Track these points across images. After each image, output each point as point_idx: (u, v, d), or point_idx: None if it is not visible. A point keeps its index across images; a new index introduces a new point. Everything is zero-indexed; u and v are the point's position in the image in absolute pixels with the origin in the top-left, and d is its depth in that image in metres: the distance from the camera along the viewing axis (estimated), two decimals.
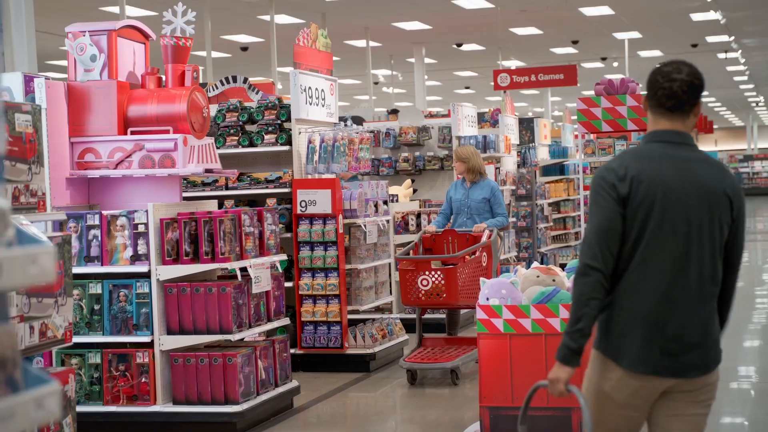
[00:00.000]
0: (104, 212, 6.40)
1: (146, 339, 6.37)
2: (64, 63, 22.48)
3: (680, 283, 3.15)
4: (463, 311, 9.56)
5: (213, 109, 8.70)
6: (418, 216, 10.84)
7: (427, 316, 9.70)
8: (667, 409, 3.25)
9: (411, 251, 8.29)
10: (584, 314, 3.16)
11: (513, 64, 26.07)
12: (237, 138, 8.65)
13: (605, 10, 19.28)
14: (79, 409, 6.08)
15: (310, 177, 8.54)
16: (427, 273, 7.78)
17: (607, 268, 3.15)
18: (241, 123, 8.72)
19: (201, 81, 8.73)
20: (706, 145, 55.59)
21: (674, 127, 3.25)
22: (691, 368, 3.17)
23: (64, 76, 16.55)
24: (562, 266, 11.21)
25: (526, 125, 16.42)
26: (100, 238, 6.38)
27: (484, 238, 8.25)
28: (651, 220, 3.15)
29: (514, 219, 13.63)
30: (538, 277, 6.18)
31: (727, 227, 3.19)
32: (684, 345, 3.15)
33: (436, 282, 7.77)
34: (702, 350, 3.17)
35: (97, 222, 6.39)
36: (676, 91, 3.22)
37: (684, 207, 3.16)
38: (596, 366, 3.29)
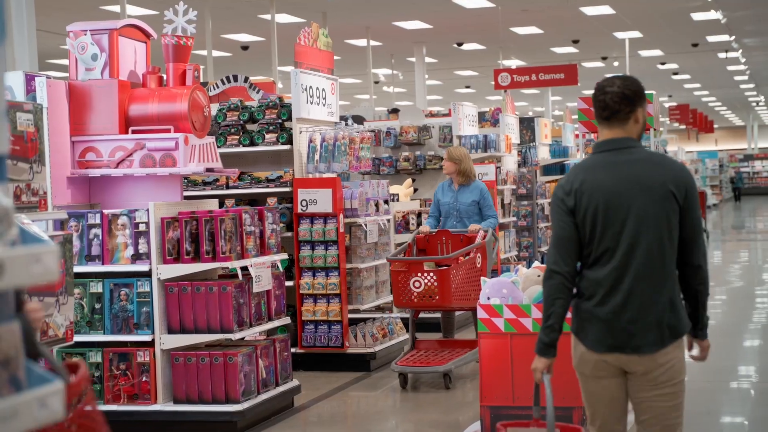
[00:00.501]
0: (105, 211, 6.40)
1: (147, 338, 6.37)
2: (64, 62, 22.48)
3: (631, 272, 3.63)
4: (458, 313, 9.53)
5: (214, 108, 8.70)
6: (419, 215, 10.84)
7: (423, 315, 9.63)
8: (632, 394, 3.76)
9: (404, 252, 8.16)
10: (552, 312, 3.72)
11: (513, 63, 26.07)
12: (238, 137, 8.65)
13: (606, 10, 19.28)
14: None
15: (310, 176, 8.54)
16: (419, 274, 7.59)
17: (568, 269, 3.68)
18: (242, 122, 8.72)
19: (202, 80, 8.73)
20: (707, 144, 55.62)
21: (614, 135, 3.73)
22: (639, 346, 3.64)
23: (65, 75, 16.54)
24: None
25: (527, 125, 16.42)
26: (101, 237, 6.38)
27: (478, 239, 8.09)
28: (597, 223, 3.66)
29: (514, 218, 13.62)
30: (539, 276, 6.18)
31: (675, 214, 3.62)
32: (635, 327, 3.64)
33: (429, 284, 7.58)
34: (651, 331, 3.63)
35: (98, 221, 6.39)
36: (609, 102, 3.70)
37: (626, 206, 3.63)
38: (572, 344, 3.88)
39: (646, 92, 10.57)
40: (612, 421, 3.84)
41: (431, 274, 7.57)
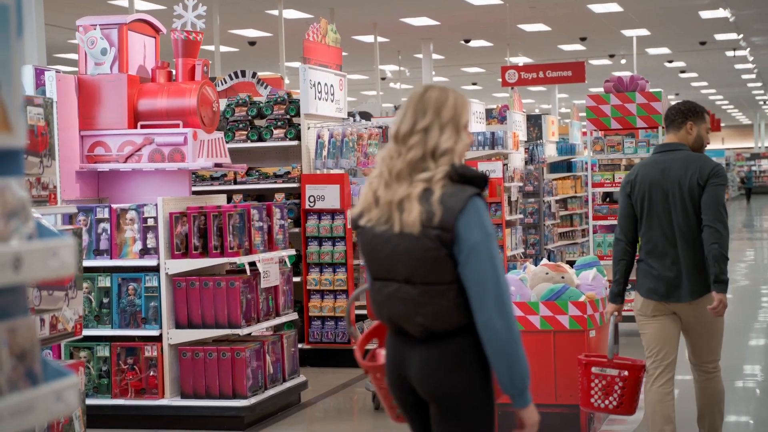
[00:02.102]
0: (114, 206, 6.41)
1: (155, 333, 6.38)
2: (72, 56, 22.50)
3: (668, 242, 4.94)
4: None
5: (222, 104, 8.70)
6: None
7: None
8: (684, 324, 5.05)
9: None
10: (617, 270, 5.06)
11: (521, 60, 26.04)
12: (246, 132, 8.65)
13: (614, 7, 19.24)
14: (88, 402, 6.08)
15: (318, 172, 8.54)
16: None
17: (627, 238, 5.05)
18: (250, 117, 8.72)
19: (210, 75, 8.73)
20: (713, 143, 55.53)
21: (668, 140, 5.13)
22: (681, 297, 4.93)
23: (72, 69, 16.56)
24: (570, 263, 11.21)
25: (534, 122, 16.41)
26: (109, 232, 6.39)
27: None
28: (644, 205, 4.99)
29: (521, 215, 13.62)
30: (547, 274, 6.18)
31: (698, 198, 4.89)
32: (675, 281, 4.93)
33: None
34: (687, 284, 4.91)
35: (106, 215, 6.40)
36: (668, 114, 5.12)
37: (663, 192, 4.96)
38: (633, 296, 5.16)
39: (653, 90, 10.48)
40: (668, 350, 5.01)
41: None
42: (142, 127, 6.60)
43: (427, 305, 2.84)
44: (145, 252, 6.35)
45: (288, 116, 8.61)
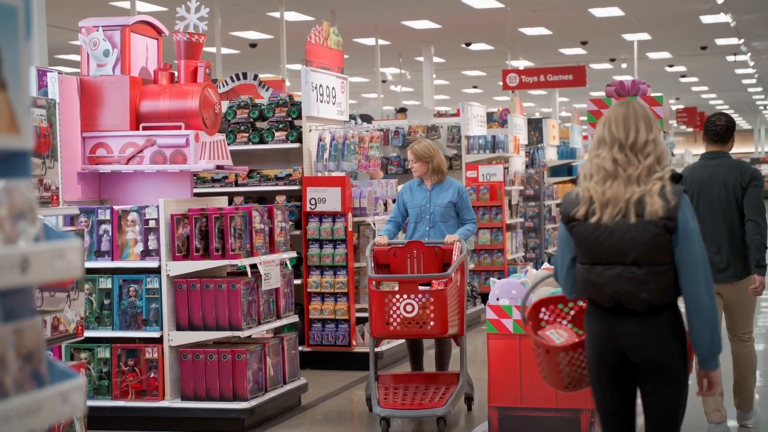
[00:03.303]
0: (115, 207, 6.41)
1: (155, 334, 6.38)
2: (73, 58, 22.51)
3: (718, 231, 5.93)
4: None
5: (224, 106, 8.71)
6: None
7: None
8: (726, 302, 6.05)
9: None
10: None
11: (522, 64, 26.05)
12: (247, 135, 8.65)
13: (615, 12, 19.26)
14: (88, 403, 6.09)
15: (320, 175, 8.54)
16: (412, 296, 6.24)
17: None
18: (251, 120, 8.72)
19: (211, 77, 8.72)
20: None
21: (714, 149, 6.13)
22: (725, 279, 5.92)
23: (74, 70, 16.56)
24: None
25: (535, 126, 16.42)
26: (110, 233, 6.39)
27: (456, 251, 6.75)
28: (698, 202, 5.95)
29: (522, 219, 13.62)
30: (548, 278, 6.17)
31: (740, 198, 5.93)
32: (720, 266, 5.90)
33: (423, 307, 6.24)
34: (730, 268, 5.93)
35: (108, 217, 6.40)
36: (718, 131, 6.11)
37: (710, 193, 5.99)
38: None
39: (655, 95, 10.53)
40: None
41: (427, 295, 6.27)
42: (144, 128, 6.60)
43: (651, 283, 3.45)
44: (146, 254, 6.35)
45: (289, 119, 8.61)
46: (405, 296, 6.24)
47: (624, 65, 26.51)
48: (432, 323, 6.25)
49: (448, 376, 6.78)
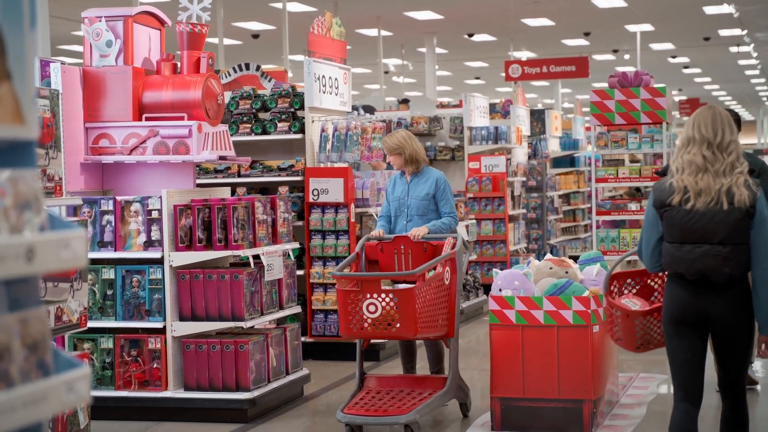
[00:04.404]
0: (118, 198, 6.41)
1: (158, 325, 6.39)
2: (75, 48, 22.49)
3: None
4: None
5: (226, 97, 8.70)
6: None
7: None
8: None
9: (351, 265, 6.55)
10: None
11: (524, 55, 26.01)
12: (250, 125, 8.65)
13: (618, 2, 19.22)
14: (91, 394, 6.10)
15: (322, 165, 8.54)
16: (375, 295, 5.84)
17: None
18: (254, 110, 8.72)
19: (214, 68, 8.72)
20: None
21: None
22: None
23: (77, 61, 16.55)
24: (574, 258, 11.21)
25: (537, 117, 16.41)
26: (113, 224, 6.40)
27: (447, 248, 6.37)
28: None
29: (524, 210, 13.61)
30: (551, 269, 6.19)
31: None
32: None
33: (388, 307, 5.84)
34: None
35: (111, 207, 6.40)
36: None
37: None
38: None
39: (658, 86, 10.46)
40: None
41: (390, 294, 5.87)
42: (147, 119, 6.60)
43: (733, 259, 4.14)
44: (149, 244, 6.36)
45: (292, 109, 8.61)
46: (368, 296, 5.83)
47: (627, 56, 26.46)
48: (397, 324, 5.83)
49: (436, 381, 6.36)
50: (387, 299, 5.83)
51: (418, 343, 7.28)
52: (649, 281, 4.96)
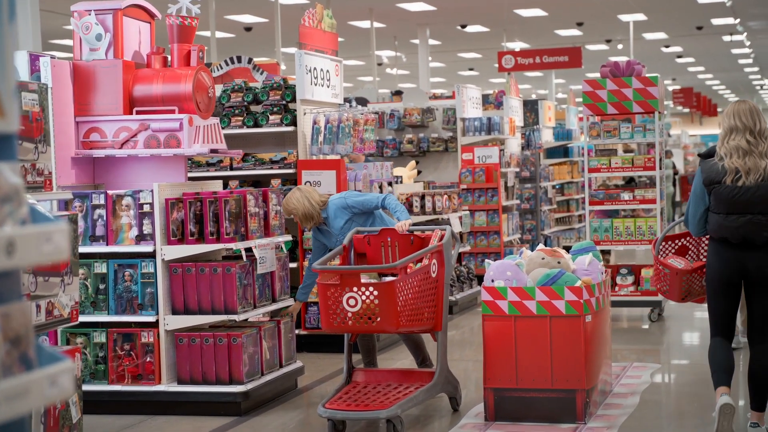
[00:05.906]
0: (109, 192, 6.40)
1: (151, 319, 6.38)
2: (67, 42, 22.43)
3: None
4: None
5: (218, 89, 8.69)
6: (423, 197, 10.81)
7: None
8: None
9: (336, 257, 6.48)
10: None
11: (517, 46, 25.99)
12: (242, 118, 8.64)
13: None
14: (84, 388, 6.10)
15: (315, 158, 8.53)
16: (355, 289, 5.77)
17: None
18: (246, 103, 8.71)
19: (205, 61, 8.71)
20: (709, 128, 55.58)
21: None
22: None
23: (68, 55, 16.50)
24: (566, 248, 11.22)
25: (531, 107, 16.40)
26: (105, 218, 6.39)
27: (434, 240, 6.28)
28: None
29: (518, 201, 13.62)
30: (543, 259, 6.19)
31: None
32: None
33: (368, 301, 5.76)
34: None
35: (102, 201, 6.39)
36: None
37: None
38: None
39: (650, 75, 10.40)
40: None
41: (371, 288, 5.79)
42: (138, 113, 6.59)
43: None
44: (141, 238, 6.35)
45: (284, 102, 8.60)
46: (347, 289, 5.77)
47: (620, 46, 26.47)
48: (379, 318, 5.75)
49: (424, 375, 6.29)
50: (367, 293, 5.75)
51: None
52: (683, 241, 6.18)
